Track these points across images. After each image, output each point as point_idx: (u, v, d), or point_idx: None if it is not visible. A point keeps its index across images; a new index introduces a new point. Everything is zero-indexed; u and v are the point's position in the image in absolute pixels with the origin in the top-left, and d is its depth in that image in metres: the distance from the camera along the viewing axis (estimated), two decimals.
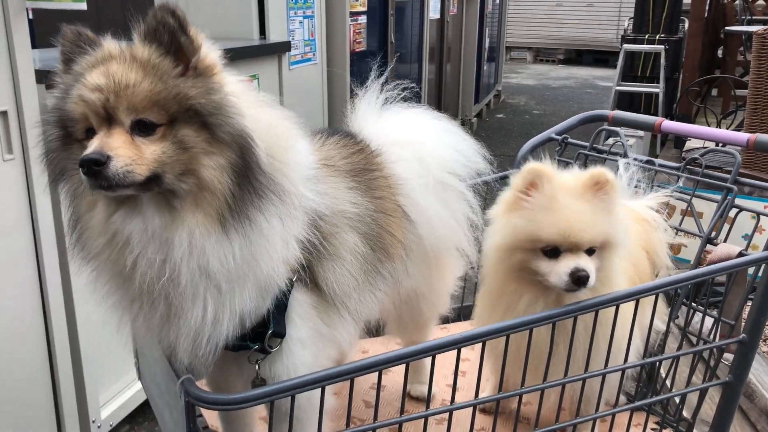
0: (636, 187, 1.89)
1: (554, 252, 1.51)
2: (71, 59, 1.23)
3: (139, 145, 1.13)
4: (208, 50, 1.21)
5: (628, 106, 8.77)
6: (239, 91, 1.23)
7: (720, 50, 8.54)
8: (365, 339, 2.18)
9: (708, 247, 1.78)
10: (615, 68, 9.04)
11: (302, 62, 4.62)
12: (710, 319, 1.71)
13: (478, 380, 1.44)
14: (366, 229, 1.44)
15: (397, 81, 1.75)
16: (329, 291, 1.36)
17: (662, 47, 8.54)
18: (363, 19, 5.65)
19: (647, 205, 1.85)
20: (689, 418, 1.77)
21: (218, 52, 1.23)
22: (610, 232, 1.53)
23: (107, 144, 1.11)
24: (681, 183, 1.93)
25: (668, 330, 1.68)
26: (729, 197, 1.77)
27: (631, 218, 1.75)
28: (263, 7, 4.12)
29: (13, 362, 2.43)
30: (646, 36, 8.97)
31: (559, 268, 1.49)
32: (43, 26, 3.44)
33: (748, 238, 1.78)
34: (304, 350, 1.35)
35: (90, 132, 1.17)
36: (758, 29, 4.56)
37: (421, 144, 1.66)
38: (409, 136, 1.67)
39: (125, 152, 1.11)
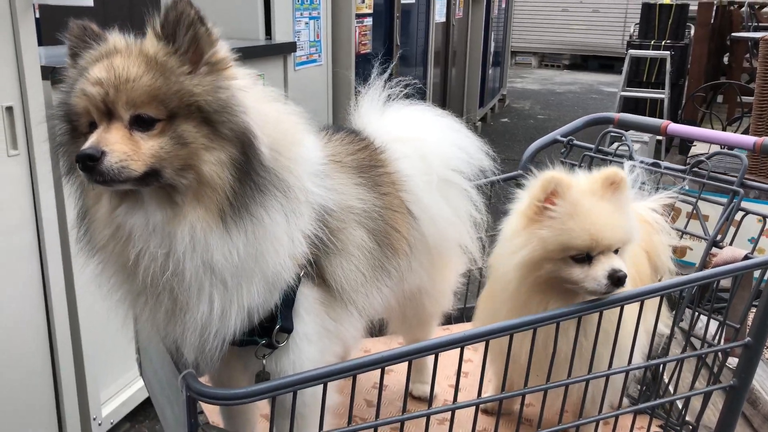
0: (640, 189, 1.88)
1: (585, 257, 1.49)
2: (77, 54, 1.24)
3: (137, 141, 1.13)
4: (220, 47, 1.21)
5: (633, 112, 8.62)
6: (248, 86, 1.23)
7: (726, 57, 8.53)
8: (367, 338, 2.17)
9: (713, 250, 1.77)
10: (620, 74, 9.02)
11: (307, 63, 4.62)
12: (715, 323, 1.70)
13: (481, 380, 1.43)
14: (373, 225, 1.43)
15: (401, 78, 1.75)
16: (337, 286, 1.36)
17: (668, 53, 8.53)
18: (369, 21, 5.65)
19: (650, 207, 1.84)
20: (693, 422, 1.76)
21: (227, 48, 1.23)
22: (632, 230, 1.54)
23: (104, 139, 1.12)
24: (686, 186, 1.92)
25: (672, 333, 1.67)
26: (735, 200, 1.77)
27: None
28: (269, 8, 4.13)
29: (15, 359, 2.43)
30: (652, 42, 8.97)
31: (596, 273, 1.46)
32: (50, 24, 3.46)
33: (755, 242, 1.77)
34: (310, 346, 1.35)
35: (93, 126, 1.17)
36: (765, 35, 4.55)
37: (424, 141, 1.65)
38: (412, 133, 1.67)
39: (120, 148, 1.11)
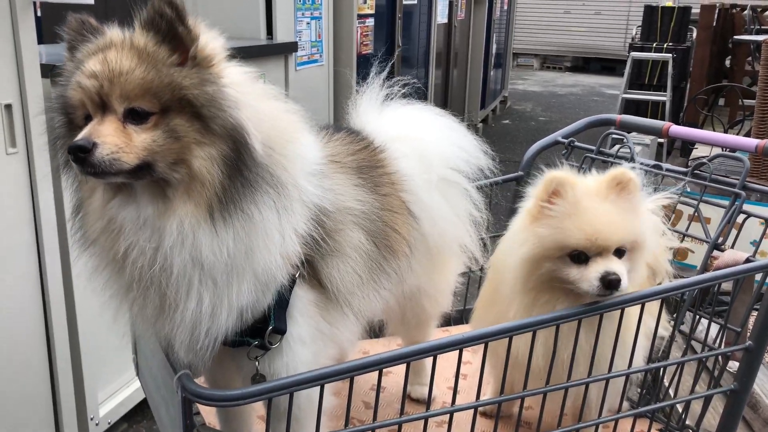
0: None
1: (583, 257, 1.47)
2: (75, 47, 1.24)
3: (130, 133, 1.13)
4: (209, 41, 1.20)
5: (635, 114, 8.66)
6: (242, 83, 1.22)
7: (728, 60, 8.53)
8: (366, 340, 2.16)
9: (715, 253, 1.76)
10: (622, 76, 9.02)
11: (309, 63, 4.62)
12: (716, 327, 1.69)
13: (480, 382, 1.42)
14: (371, 227, 1.42)
15: (400, 77, 1.74)
16: (333, 288, 1.35)
17: (670, 56, 8.52)
18: (370, 22, 5.64)
19: (648, 209, 1.83)
20: (693, 426, 1.75)
21: (221, 43, 1.22)
22: (638, 232, 1.50)
23: (96, 131, 1.12)
24: (687, 188, 1.91)
25: (674, 336, 1.65)
26: (737, 203, 1.76)
27: None
28: (271, 7, 4.13)
29: (12, 358, 2.42)
30: (654, 44, 8.96)
31: (589, 274, 1.45)
32: (51, 22, 3.45)
33: (756, 245, 1.75)
34: (305, 348, 1.34)
35: (89, 119, 1.17)
36: (767, 38, 4.54)
37: (423, 140, 1.65)
38: (411, 132, 1.67)
39: (112, 140, 1.11)
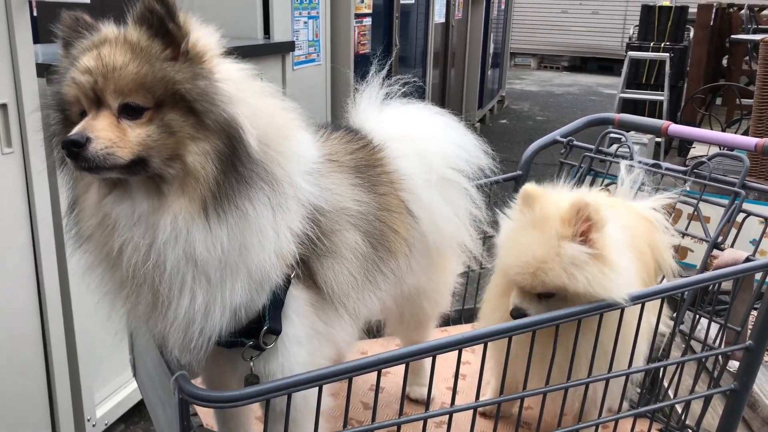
0: (640, 190, 1.86)
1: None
2: (70, 44, 1.23)
3: (124, 128, 1.13)
4: (201, 37, 1.19)
5: (632, 114, 8.70)
6: (237, 79, 1.21)
7: (725, 59, 8.53)
8: (364, 340, 2.15)
9: (714, 252, 1.76)
10: (619, 76, 9.01)
11: (306, 63, 4.60)
12: (715, 326, 1.68)
13: (479, 382, 1.41)
14: (369, 227, 1.41)
15: (399, 76, 1.73)
16: (327, 289, 1.34)
17: (667, 55, 8.51)
18: (368, 21, 5.63)
19: (650, 206, 1.83)
20: (693, 426, 1.74)
21: (215, 39, 1.21)
22: (561, 282, 1.39)
23: (90, 126, 1.12)
24: (688, 187, 1.90)
25: (674, 335, 1.65)
26: (737, 202, 1.75)
27: (635, 216, 1.73)
28: (268, 7, 4.11)
29: (9, 359, 2.40)
30: (651, 44, 8.95)
31: (509, 300, 1.49)
32: (47, 22, 3.43)
33: (756, 244, 1.75)
34: (300, 348, 1.33)
35: (84, 115, 1.16)
36: (765, 37, 4.54)
37: (423, 139, 1.64)
38: (411, 132, 1.66)
39: (106, 135, 1.11)
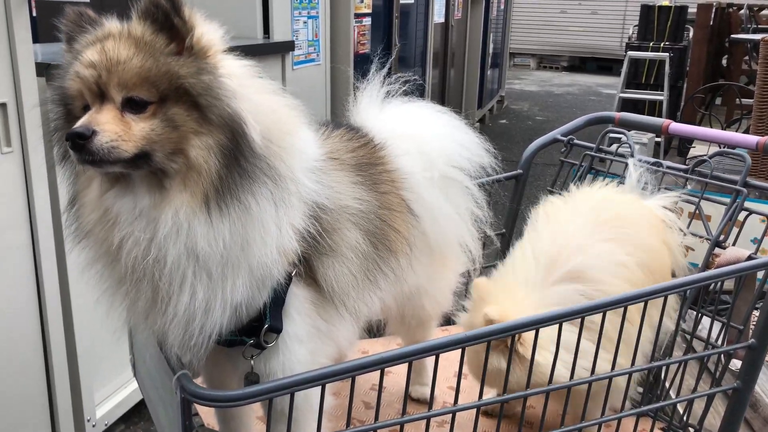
0: (643, 189, 1.86)
1: None
2: (73, 39, 1.23)
3: (129, 122, 1.13)
4: (205, 32, 1.19)
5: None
6: (240, 75, 1.22)
7: (725, 59, 8.54)
8: (366, 339, 2.15)
9: (716, 251, 1.75)
10: (619, 76, 9.01)
11: (306, 62, 4.59)
12: (718, 325, 1.68)
13: (482, 381, 1.41)
14: (369, 226, 1.41)
15: (400, 75, 1.73)
16: (328, 288, 1.33)
17: (666, 55, 8.51)
18: (367, 21, 5.62)
19: (661, 205, 1.82)
20: (695, 425, 1.73)
21: (219, 35, 1.21)
22: None
23: (95, 119, 1.11)
24: (690, 186, 1.90)
25: (676, 334, 1.64)
26: (738, 200, 1.75)
27: (648, 214, 1.74)
28: (268, 6, 4.11)
29: (8, 359, 2.40)
30: (651, 43, 8.95)
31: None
32: (46, 21, 3.43)
33: (758, 242, 1.75)
34: (301, 347, 1.32)
35: (87, 109, 1.16)
36: (765, 36, 4.54)
37: (424, 137, 1.63)
38: (412, 130, 1.65)
39: (111, 128, 1.10)
